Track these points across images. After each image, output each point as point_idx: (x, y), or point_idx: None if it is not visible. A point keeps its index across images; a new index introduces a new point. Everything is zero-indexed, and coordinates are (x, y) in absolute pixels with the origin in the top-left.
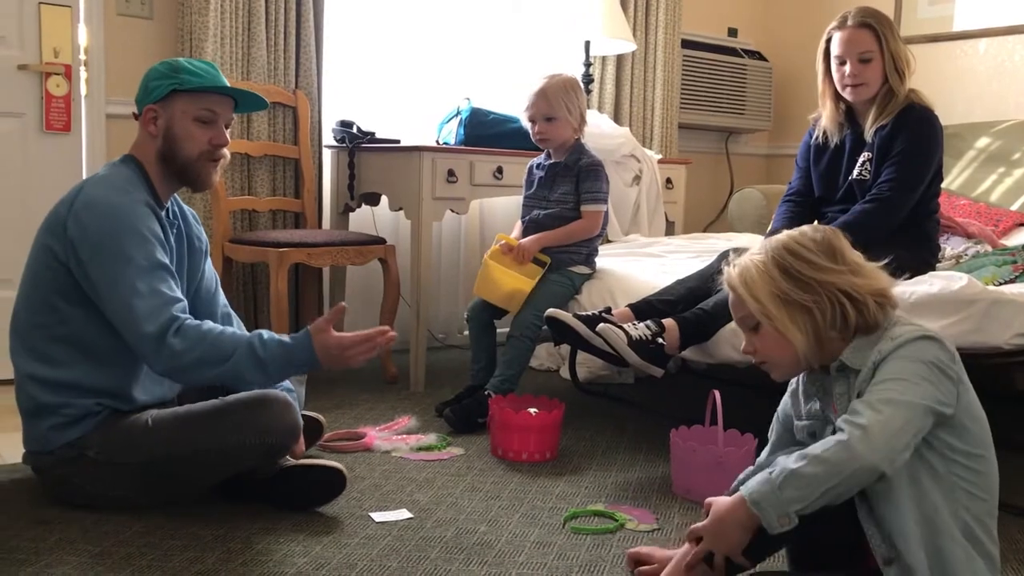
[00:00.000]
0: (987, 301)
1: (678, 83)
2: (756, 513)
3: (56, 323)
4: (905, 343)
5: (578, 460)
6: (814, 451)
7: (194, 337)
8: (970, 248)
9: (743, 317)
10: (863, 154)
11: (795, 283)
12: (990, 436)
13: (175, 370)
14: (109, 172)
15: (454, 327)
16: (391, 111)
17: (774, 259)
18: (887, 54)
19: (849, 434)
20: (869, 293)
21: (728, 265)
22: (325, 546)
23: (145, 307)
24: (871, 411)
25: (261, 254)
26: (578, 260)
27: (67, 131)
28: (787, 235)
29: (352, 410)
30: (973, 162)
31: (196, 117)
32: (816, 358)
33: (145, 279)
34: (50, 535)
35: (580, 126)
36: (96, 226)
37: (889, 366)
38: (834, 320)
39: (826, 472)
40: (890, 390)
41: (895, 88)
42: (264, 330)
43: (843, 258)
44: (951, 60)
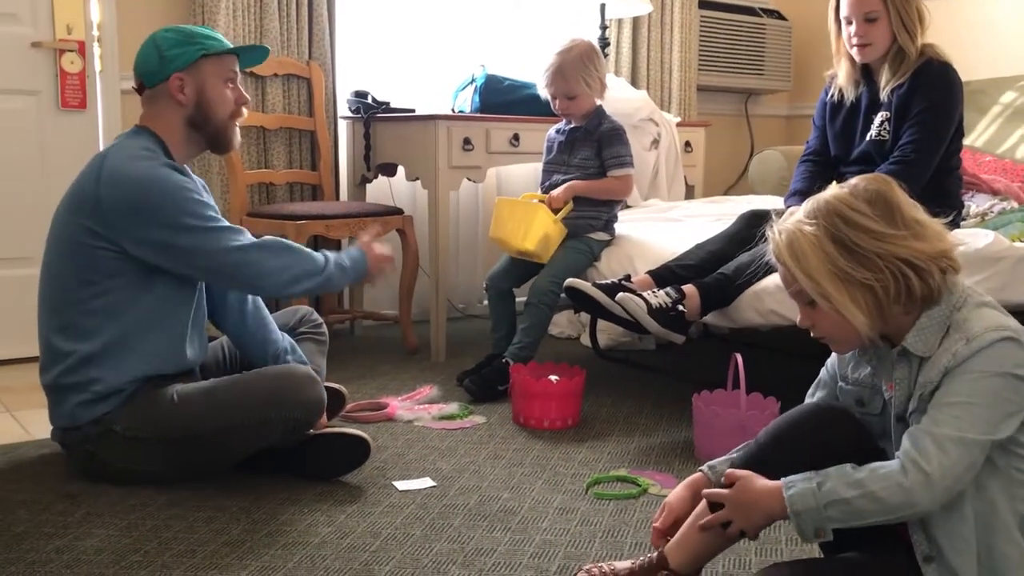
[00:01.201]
0: (1014, 258)
1: (696, 44)
2: (792, 518)
3: (93, 296)
4: (982, 349)
5: (600, 426)
6: (871, 485)
7: (296, 250)
8: (996, 205)
9: (797, 292)
10: (880, 114)
11: (854, 258)
12: None
13: (288, 281)
14: (128, 143)
15: (474, 297)
16: (405, 80)
17: (827, 230)
18: (893, 12)
19: (912, 479)
20: (933, 258)
21: (772, 231)
22: (349, 515)
23: (232, 239)
24: (938, 451)
25: (279, 227)
26: (597, 226)
27: (83, 108)
28: (837, 197)
29: (374, 381)
30: (998, 118)
31: (226, 79)
32: (877, 335)
33: (212, 221)
34: (78, 509)
35: (602, 92)
36: (138, 196)
37: (962, 383)
38: (898, 294)
39: (877, 509)
40: (961, 421)
41: (905, 46)
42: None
43: (903, 219)
44: (975, 13)
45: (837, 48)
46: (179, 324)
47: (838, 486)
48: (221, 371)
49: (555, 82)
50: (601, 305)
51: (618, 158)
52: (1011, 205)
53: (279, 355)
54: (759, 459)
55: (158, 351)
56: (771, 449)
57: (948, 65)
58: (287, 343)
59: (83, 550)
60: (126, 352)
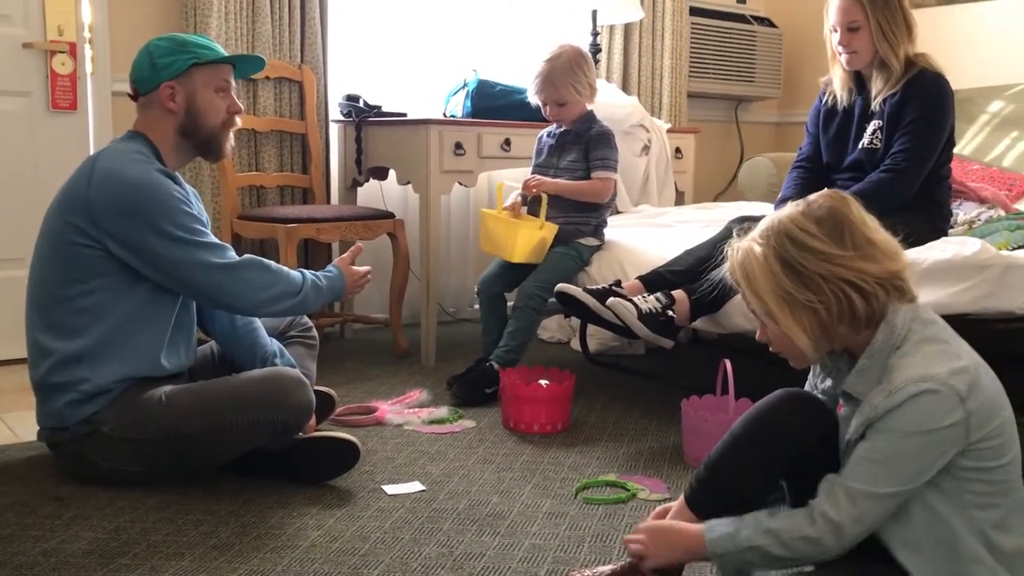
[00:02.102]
0: (1001, 266)
1: (687, 51)
2: (712, 559)
3: (80, 295)
4: (901, 405)
5: (589, 431)
6: (783, 535)
7: (275, 272)
8: (983, 213)
9: (753, 309)
10: (873, 122)
11: (799, 279)
12: (1014, 436)
13: (260, 303)
14: (122, 147)
15: (464, 301)
16: (397, 84)
17: (776, 251)
18: (873, 23)
19: (819, 529)
20: (879, 279)
21: (731, 248)
22: (338, 519)
23: (213, 255)
24: (848, 504)
25: (270, 230)
26: (586, 232)
27: (73, 109)
28: (790, 216)
29: (364, 384)
30: (986, 126)
31: (217, 88)
32: (825, 352)
33: (196, 234)
34: (66, 511)
35: (592, 97)
36: (128, 199)
37: (882, 441)
38: (842, 315)
39: (790, 557)
40: (878, 478)
41: (885, 57)
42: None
43: (852, 239)
44: (964, 23)
45: (832, 54)
46: (163, 326)
47: (754, 534)
48: (211, 374)
49: (544, 89)
50: (591, 310)
51: (603, 160)
52: (998, 213)
53: (267, 359)
54: (731, 445)
55: (143, 353)
56: (741, 436)
57: (940, 76)
58: (275, 347)
59: (71, 553)
60: (111, 353)
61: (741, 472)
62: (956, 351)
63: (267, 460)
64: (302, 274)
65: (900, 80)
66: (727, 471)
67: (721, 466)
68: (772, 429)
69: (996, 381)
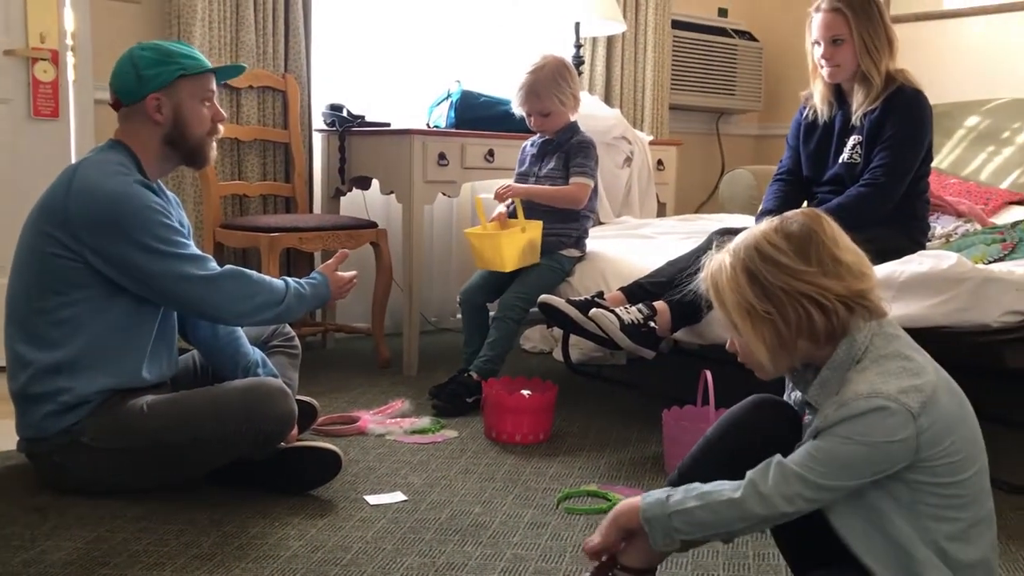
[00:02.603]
0: (977, 279)
1: (669, 64)
2: (643, 524)
3: (59, 307)
4: (849, 418)
5: (571, 441)
6: (710, 498)
7: (257, 283)
8: (960, 227)
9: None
10: (853, 137)
11: (762, 292)
12: (977, 452)
13: (242, 313)
14: (102, 157)
15: (447, 311)
16: (381, 94)
17: (743, 262)
18: (857, 37)
19: (745, 494)
20: (840, 296)
21: (707, 259)
22: (320, 529)
23: (193, 267)
24: (780, 480)
25: (252, 239)
26: (568, 243)
27: (55, 117)
28: (763, 230)
29: (346, 394)
30: (963, 141)
31: (203, 98)
32: (788, 365)
33: (175, 246)
34: (45, 521)
35: (576, 107)
36: (102, 210)
37: (827, 441)
38: (800, 329)
39: (712, 521)
40: (813, 465)
41: (867, 71)
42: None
43: (817, 256)
44: (942, 38)
45: (813, 68)
46: (145, 338)
47: (685, 498)
48: (193, 383)
49: (528, 100)
50: (574, 321)
51: (580, 167)
52: (975, 227)
53: (249, 368)
54: (704, 449)
55: (124, 365)
56: (714, 440)
57: (919, 92)
58: (258, 357)
59: (51, 563)
60: (91, 364)
61: (711, 475)
62: (917, 368)
63: (249, 470)
64: (285, 283)
65: (880, 95)
66: (699, 474)
67: (694, 470)
68: (742, 432)
69: (958, 396)
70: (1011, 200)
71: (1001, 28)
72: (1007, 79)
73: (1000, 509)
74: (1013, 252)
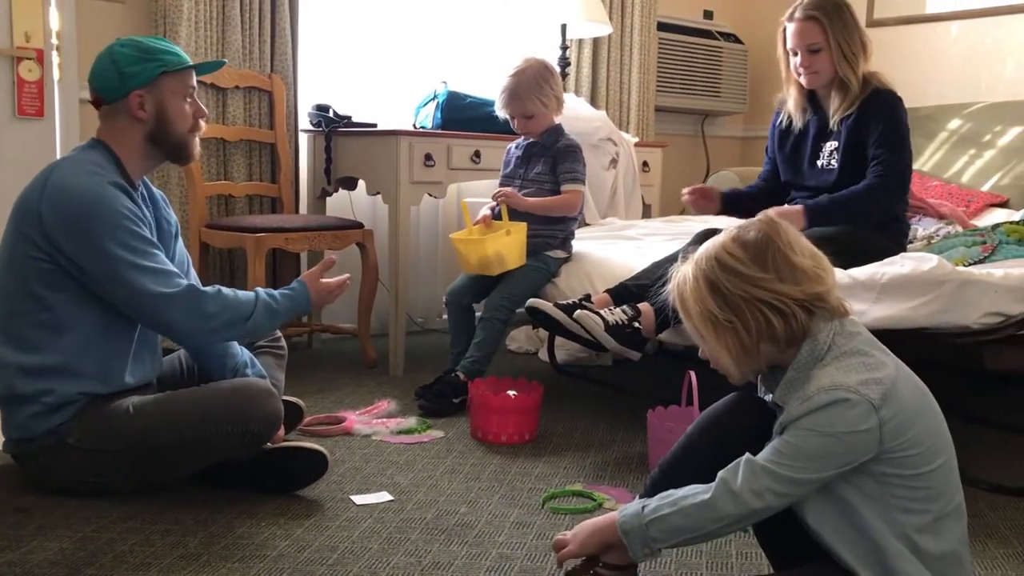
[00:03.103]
0: (956, 282)
1: (654, 66)
2: (622, 537)
3: (39, 309)
4: (812, 411)
5: (556, 441)
6: (683, 503)
7: (221, 300)
8: (941, 229)
9: None
10: (829, 143)
11: (723, 300)
12: (943, 445)
13: (204, 332)
14: (78, 157)
15: (433, 311)
16: (367, 95)
17: (704, 273)
18: (834, 44)
19: (715, 494)
20: (798, 300)
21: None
22: (306, 529)
23: (153, 281)
24: (749, 475)
25: (238, 239)
26: (554, 244)
27: (40, 116)
28: (722, 241)
29: (332, 394)
30: (945, 144)
31: (185, 95)
32: (753, 369)
33: (140, 256)
34: (31, 521)
35: (559, 109)
36: (73, 213)
37: (793, 435)
38: (760, 335)
39: (688, 526)
40: (781, 459)
41: (845, 77)
42: (260, 288)
43: (774, 262)
44: (924, 42)
45: (787, 76)
46: (127, 342)
47: (659, 506)
48: (179, 383)
49: (511, 103)
50: (560, 323)
51: (571, 173)
52: (956, 229)
53: (238, 369)
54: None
55: (106, 369)
56: (693, 437)
57: (894, 93)
58: (246, 357)
59: (36, 563)
60: (72, 367)
61: (691, 471)
62: (876, 363)
63: (235, 470)
64: (255, 297)
65: (856, 99)
66: (679, 471)
67: (674, 467)
68: (722, 430)
69: (920, 390)
70: (992, 202)
71: (983, 32)
72: (989, 83)
73: (979, 508)
74: (993, 254)
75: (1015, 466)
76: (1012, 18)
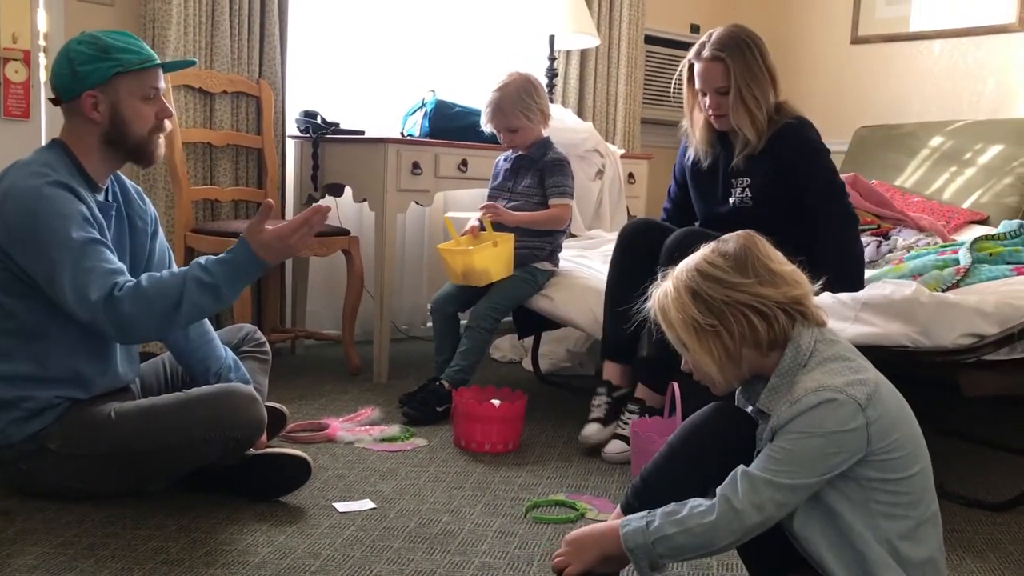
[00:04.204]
0: (933, 306)
1: (641, 78)
2: (627, 554)
3: (4, 317)
4: (801, 413)
5: (540, 450)
6: (688, 523)
7: (139, 295)
8: (922, 240)
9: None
10: (741, 180)
11: (706, 307)
12: (921, 451)
13: (135, 333)
14: (30, 159)
15: (418, 319)
16: (355, 102)
17: (685, 283)
18: (734, 88)
19: (719, 514)
20: (779, 303)
21: (656, 288)
22: (289, 536)
23: (84, 286)
24: (749, 490)
25: (224, 244)
26: (541, 256)
27: (26, 118)
28: (702, 254)
29: (315, 401)
30: (927, 161)
31: (143, 96)
32: (737, 376)
33: (78, 258)
34: (11, 525)
35: (545, 122)
36: (16, 215)
37: (785, 440)
38: (744, 338)
39: (694, 544)
40: (778, 468)
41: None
42: (199, 258)
43: (753, 268)
44: (908, 60)
45: (688, 110)
46: (99, 348)
47: (664, 524)
48: (161, 388)
49: (495, 117)
50: None
51: (559, 187)
52: (936, 241)
53: (222, 372)
54: (665, 455)
55: (79, 376)
56: (674, 446)
57: (802, 119)
58: (230, 360)
59: (17, 568)
60: (45, 373)
61: (673, 480)
62: (858, 367)
63: (218, 476)
64: (183, 276)
65: (764, 135)
66: (660, 479)
67: (655, 475)
68: (704, 438)
69: (898, 397)
70: (972, 219)
71: (965, 51)
72: (970, 101)
73: (956, 522)
74: (966, 277)
75: (992, 481)
76: (994, 38)
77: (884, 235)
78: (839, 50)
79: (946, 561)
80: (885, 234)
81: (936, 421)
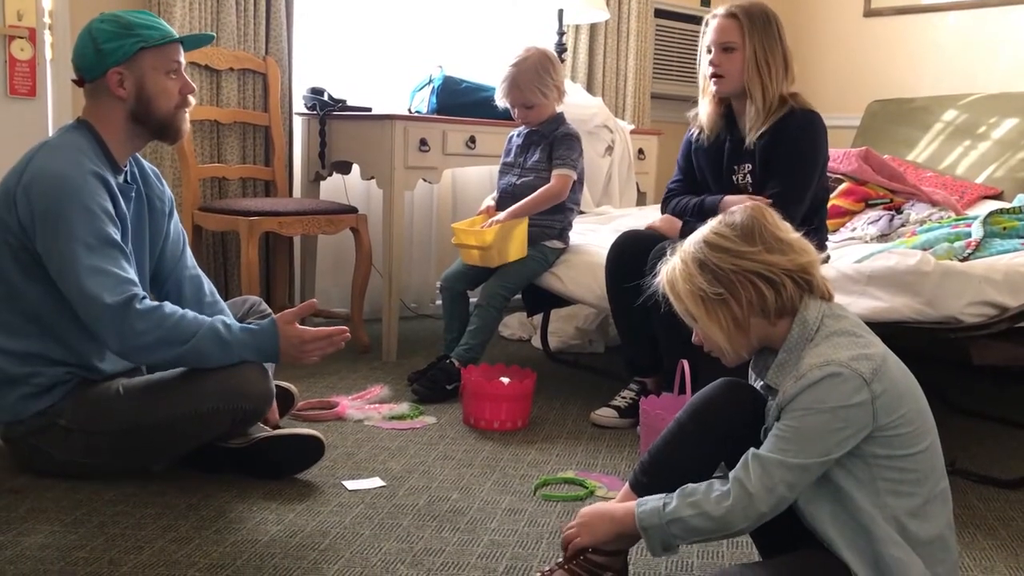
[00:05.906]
0: (938, 273)
1: (651, 53)
2: (641, 533)
3: (16, 296)
4: (807, 388)
5: (549, 428)
6: (703, 505)
7: (156, 317)
8: (935, 214)
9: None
10: (745, 165)
11: (713, 277)
12: (928, 427)
13: (133, 350)
14: (59, 141)
15: (426, 297)
16: (362, 78)
17: (692, 255)
18: (750, 47)
19: (734, 499)
20: (786, 271)
21: (664, 263)
22: (298, 514)
23: (97, 285)
24: (761, 472)
25: (231, 222)
26: (552, 234)
27: (32, 96)
28: (709, 227)
29: (324, 380)
30: (940, 135)
31: (168, 70)
32: (746, 346)
33: (95, 257)
34: (22, 504)
35: (560, 99)
36: (43, 201)
37: (792, 418)
38: (752, 306)
39: (709, 527)
40: (788, 448)
41: (752, 87)
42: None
43: (760, 237)
44: (921, 33)
45: (704, 87)
46: (94, 339)
47: (679, 506)
48: None
49: (511, 93)
50: None
51: (563, 159)
52: (948, 214)
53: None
54: (674, 431)
55: (87, 356)
56: (683, 422)
57: (812, 112)
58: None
59: (27, 546)
60: (52, 353)
61: (682, 456)
62: (865, 342)
63: (229, 455)
64: (206, 323)
65: (771, 117)
66: (669, 455)
67: (664, 451)
68: (710, 413)
69: (906, 372)
70: (986, 195)
71: (979, 23)
72: (985, 74)
73: (969, 499)
74: (977, 250)
75: (1005, 458)
76: (1008, 9)
77: (897, 209)
78: (852, 23)
79: (957, 539)
80: (898, 208)
81: (947, 398)
